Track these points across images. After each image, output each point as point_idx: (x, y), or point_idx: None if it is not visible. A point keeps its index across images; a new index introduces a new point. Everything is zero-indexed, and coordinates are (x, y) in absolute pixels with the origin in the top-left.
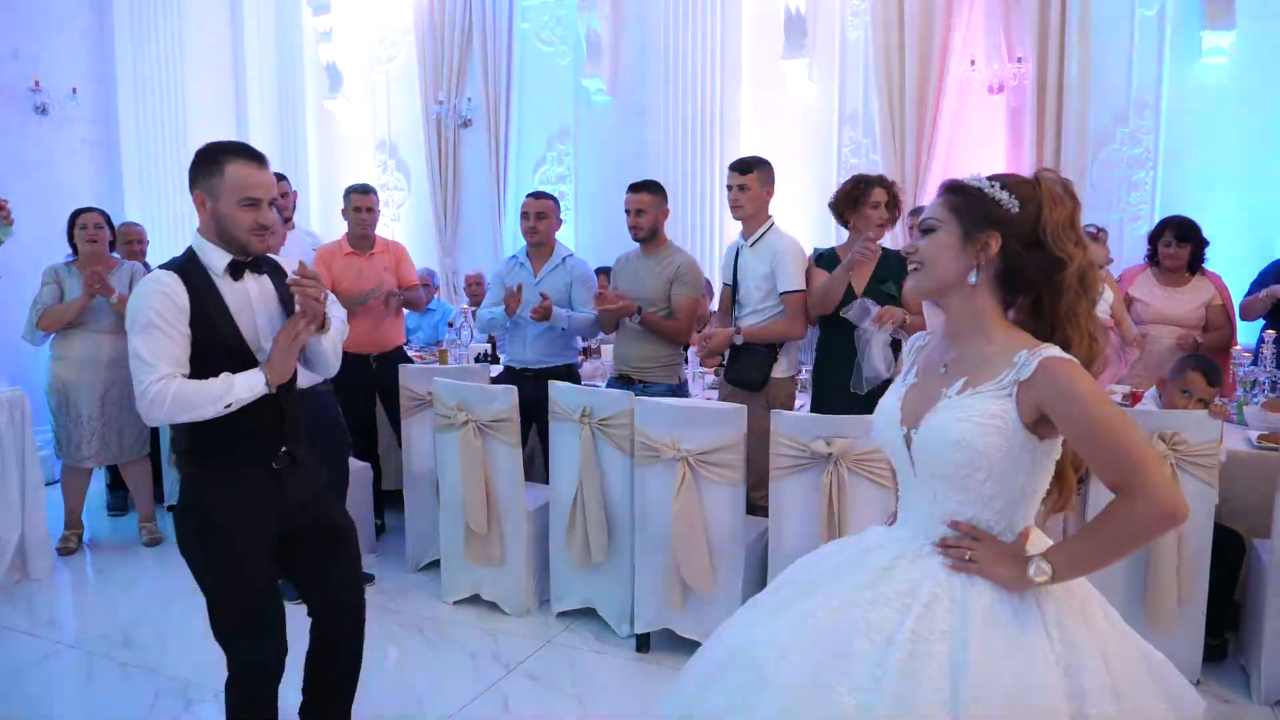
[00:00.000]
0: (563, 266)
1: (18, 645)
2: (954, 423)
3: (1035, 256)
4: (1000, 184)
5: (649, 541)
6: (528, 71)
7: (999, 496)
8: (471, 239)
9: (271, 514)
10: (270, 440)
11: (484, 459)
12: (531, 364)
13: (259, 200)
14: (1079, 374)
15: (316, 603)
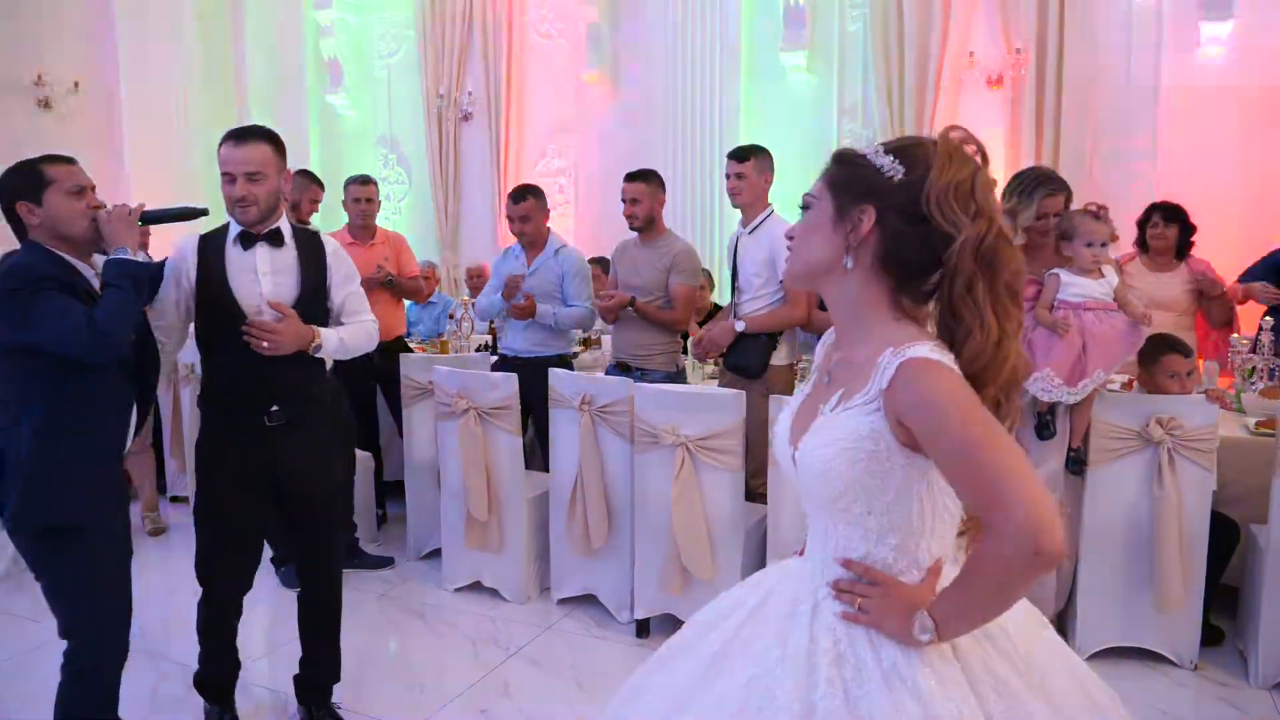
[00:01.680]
0: (554, 259)
1: (25, 631)
2: (821, 447)
3: (917, 232)
4: (888, 148)
5: (649, 528)
6: (528, 64)
7: (891, 530)
8: (472, 232)
9: (258, 466)
10: (262, 397)
11: (484, 446)
12: (522, 352)
13: (233, 175)
14: (938, 375)
15: (298, 547)
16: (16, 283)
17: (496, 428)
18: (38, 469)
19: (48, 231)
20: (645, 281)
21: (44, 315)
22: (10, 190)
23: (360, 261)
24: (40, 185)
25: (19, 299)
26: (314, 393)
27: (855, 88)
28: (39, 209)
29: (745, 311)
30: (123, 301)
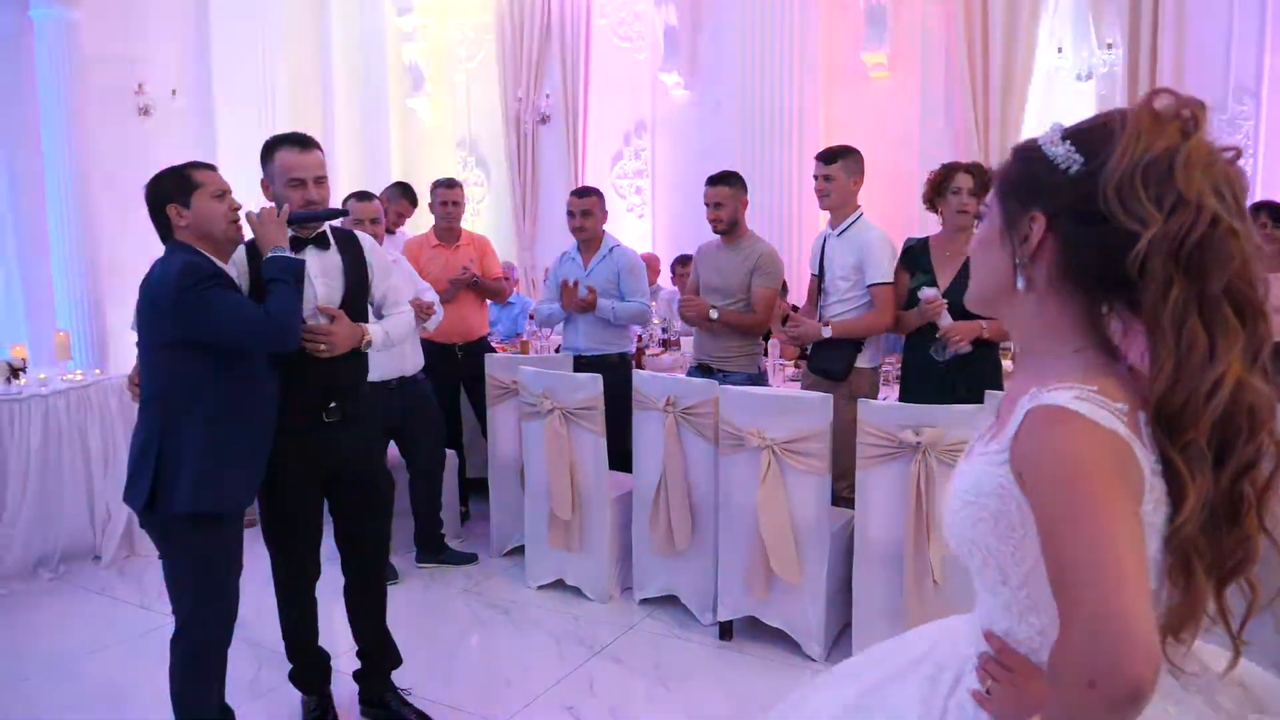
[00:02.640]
0: (609, 258)
1: (129, 617)
2: (951, 496)
3: (1095, 234)
4: (1067, 133)
5: (733, 530)
6: (605, 67)
7: (1032, 609)
8: (550, 233)
9: (319, 463)
10: (318, 396)
11: (569, 446)
12: (584, 351)
13: (303, 180)
14: (1065, 429)
15: (345, 552)
16: (192, 280)
17: (581, 428)
18: (210, 458)
19: (194, 233)
20: (728, 283)
21: (223, 310)
22: (162, 194)
23: (446, 263)
24: (189, 189)
25: (194, 295)
26: (363, 387)
27: (938, 86)
28: (187, 211)
29: (831, 315)
30: (291, 294)
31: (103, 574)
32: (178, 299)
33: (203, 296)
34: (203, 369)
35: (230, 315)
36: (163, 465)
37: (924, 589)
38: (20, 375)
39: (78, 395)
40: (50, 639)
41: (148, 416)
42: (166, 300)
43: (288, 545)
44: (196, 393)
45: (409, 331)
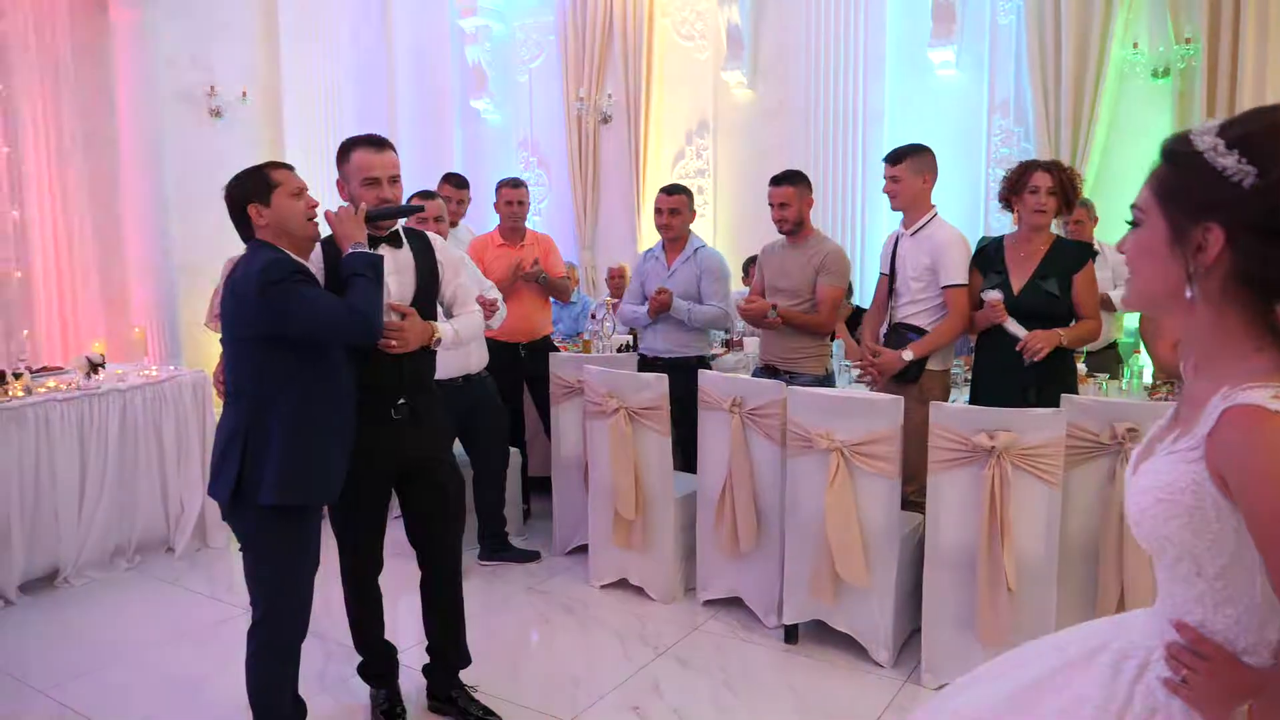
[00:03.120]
0: (693, 259)
1: (200, 608)
2: (1140, 493)
3: (1277, 247)
4: (1232, 140)
5: (799, 532)
6: (667, 66)
7: (1228, 601)
8: (610, 233)
9: (388, 459)
10: (389, 392)
11: (634, 446)
12: (662, 353)
13: (378, 179)
14: (1266, 428)
15: (419, 549)
16: (277, 275)
17: (646, 428)
18: (296, 450)
19: (274, 231)
20: (794, 284)
21: (307, 304)
22: (243, 193)
23: (510, 262)
24: (268, 188)
25: (279, 290)
26: (431, 384)
27: (1007, 83)
28: (267, 210)
29: (902, 317)
30: (372, 288)
31: (176, 565)
32: (262, 294)
33: (287, 291)
34: (287, 363)
35: (314, 309)
36: (249, 457)
37: (998, 596)
38: (99, 371)
39: (153, 391)
40: (126, 628)
41: (234, 410)
42: (251, 295)
43: (353, 540)
44: (282, 386)
45: (478, 331)
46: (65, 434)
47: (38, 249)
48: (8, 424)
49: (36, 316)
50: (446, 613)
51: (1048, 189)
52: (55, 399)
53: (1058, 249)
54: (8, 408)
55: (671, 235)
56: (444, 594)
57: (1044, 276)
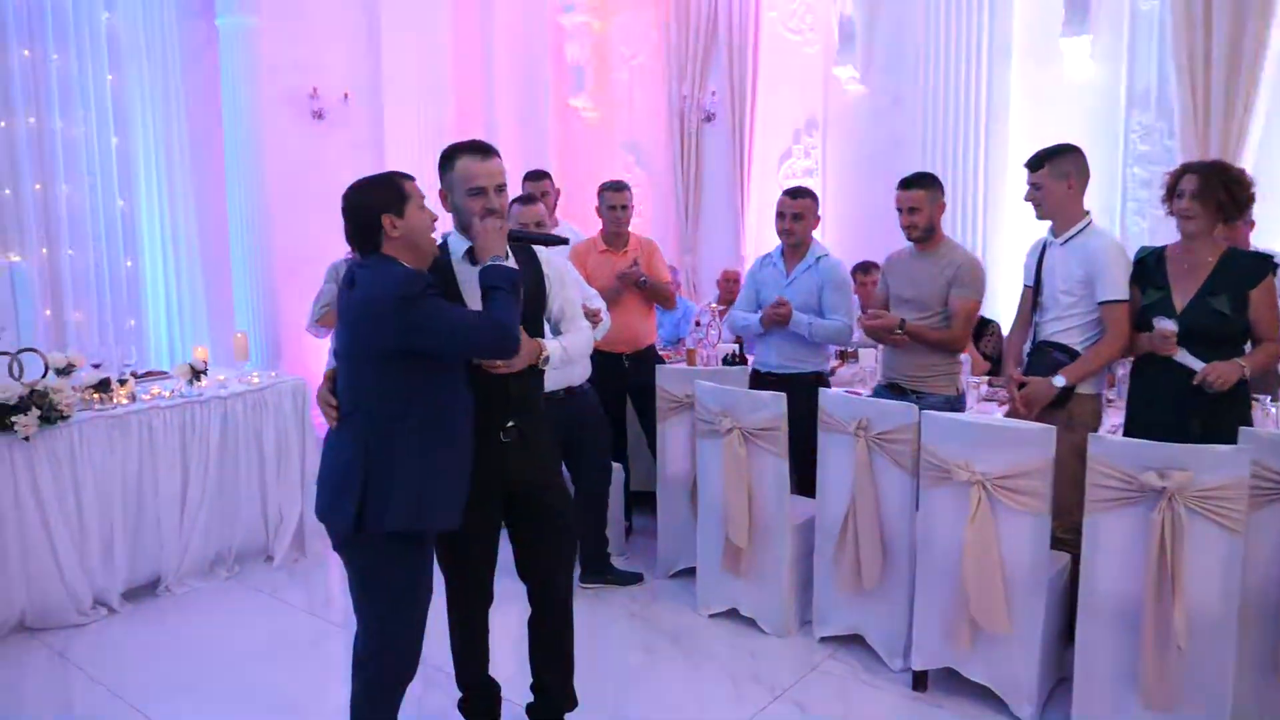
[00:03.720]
0: (815, 268)
1: (299, 623)
2: None
3: None
4: None
5: (932, 570)
6: (775, 61)
7: None
8: (713, 236)
9: (496, 484)
10: (496, 414)
11: (748, 468)
12: (775, 368)
13: (484, 188)
14: None
15: (528, 583)
16: (416, 288)
17: (762, 449)
18: (423, 472)
19: (404, 244)
20: (923, 295)
21: (446, 317)
22: (376, 203)
23: (613, 268)
24: (402, 199)
25: (420, 304)
26: (539, 404)
27: (1148, 73)
28: (401, 222)
29: (1049, 333)
30: (511, 302)
31: (274, 575)
32: (399, 307)
33: (425, 304)
34: (413, 379)
35: (453, 322)
36: (372, 481)
37: (1166, 655)
38: (201, 377)
39: (254, 398)
40: (224, 641)
41: (349, 431)
42: (388, 311)
43: (462, 570)
44: (407, 404)
45: (588, 349)
46: (168, 441)
47: (145, 241)
48: (112, 430)
49: (144, 308)
50: (555, 653)
51: (1192, 193)
52: (159, 405)
53: (1229, 260)
54: (112, 415)
55: (793, 241)
56: (554, 633)
57: (1213, 293)
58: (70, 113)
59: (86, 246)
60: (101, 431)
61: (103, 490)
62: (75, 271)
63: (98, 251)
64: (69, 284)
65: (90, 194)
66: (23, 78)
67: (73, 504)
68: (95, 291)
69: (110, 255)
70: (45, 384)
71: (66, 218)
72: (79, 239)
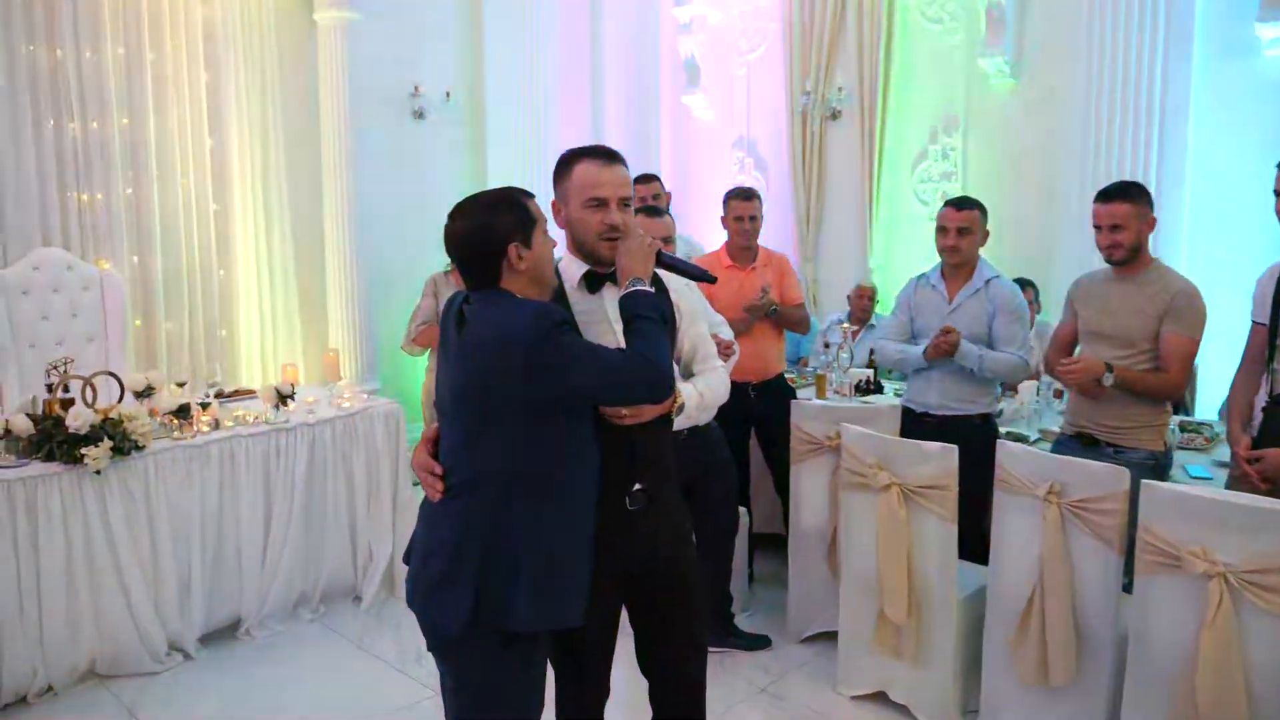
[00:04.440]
0: (984, 292)
1: (387, 682)
2: None
3: None
4: None
5: (1147, 673)
6: (911, 53)
7: None
8: (837, 245)
9: (619, 561)
10: (620, 476)
11: (909, 532)
12: (934, 408)
13: (605, 200)
14: None
15: (652, 664)
16: (549, 325)
17: (926, 510)
18: (555, 557)
19: (528, 279)
20: (1125, 330)
21: (586, 357)
22: (504, 230)
23: (740, 288)
24: (531, 224)
25: (554, 344)
26: (670, 461)
27: None
28: (528, 252)
29: None
30: (661, 336)
31: (363, 619)
32: (533, 350)
33: (562, 344)
34: (541, 441)
35: (596, 363)
36: (489, 570)
37: None
38: (288, 402)
39: (344, 424)
40: (305, 698)
41: (458, 509)
42: (517, 353)
43: (578, 668)
44: (536, 472)
45: (725, 393)
46: (251, 472)
47: (239, 249)
48: (191, 462)
49: (238, 318)
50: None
51: None
52: (241, 434)
53: None
54: (191, 446)
55: (958, 260)
56: None
57: None
58: (164, 113)
59: (179, 254)
60: (180, 463)
61: (180, 526)
62: (167, 280)
63: (190, 259)
64: (160, 293)
65: (184, 198)
66: (116, 77)
67: (147, 542)
68: (187, 301)
69: (204, 263)
70: (120, 410)
71: (159, 224)
72: (171, 246)
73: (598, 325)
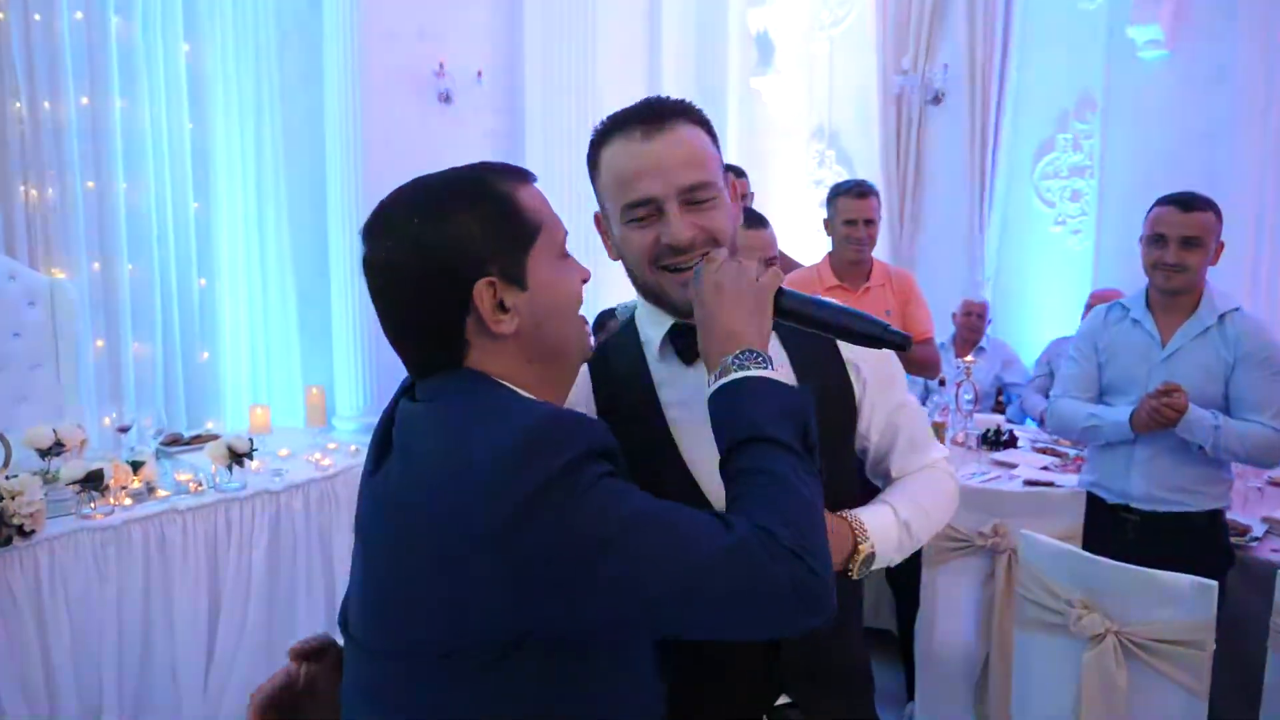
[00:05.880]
0: (1217, 331)
1: None
2: None
3: None
4: None
5: None
6: (1035, 23)
7: None
8: (939, 252)
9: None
10: (758, 684)
11: (1125, 701)
12: (1138, 500)
13: (652, 200)
14: None
15: None
16: (559, 471)
17: (1159, 675)
18: None
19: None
20: None
21: (663, 540)
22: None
23: None
24: (526, 237)
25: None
26: (850, 656)
27: None
28: (519, 294)
29: None
30: (802, 478)
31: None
32: (514, 534)
33: (587, 517)
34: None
35: (672, 562)
36: None
37: None
38: (245, 461)
39: (322, 490)
40: None
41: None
42: (487, 548)
43: None
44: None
45: (950, 511)
46: (190, 559)
47: (223, 255)
48: (104, 548)
49: (222, 338)
50: None
51: None
52: (177, 508)
53: None
54: (105, 527)
55: (1181, 285)
56: None
57: None
58: (133, 92)
59: (150, 260)
60: (87, 551)
61: (86, 639)
62: (136, 292)
63: (164, 267)
64: (126, 308)
65: (157, 194)
66: (74, 47)
67: (36, 661)
68: (160, 317)
69: (180, 271)
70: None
71: (125, 224)
72: (141, 250)
73: (704, 425)
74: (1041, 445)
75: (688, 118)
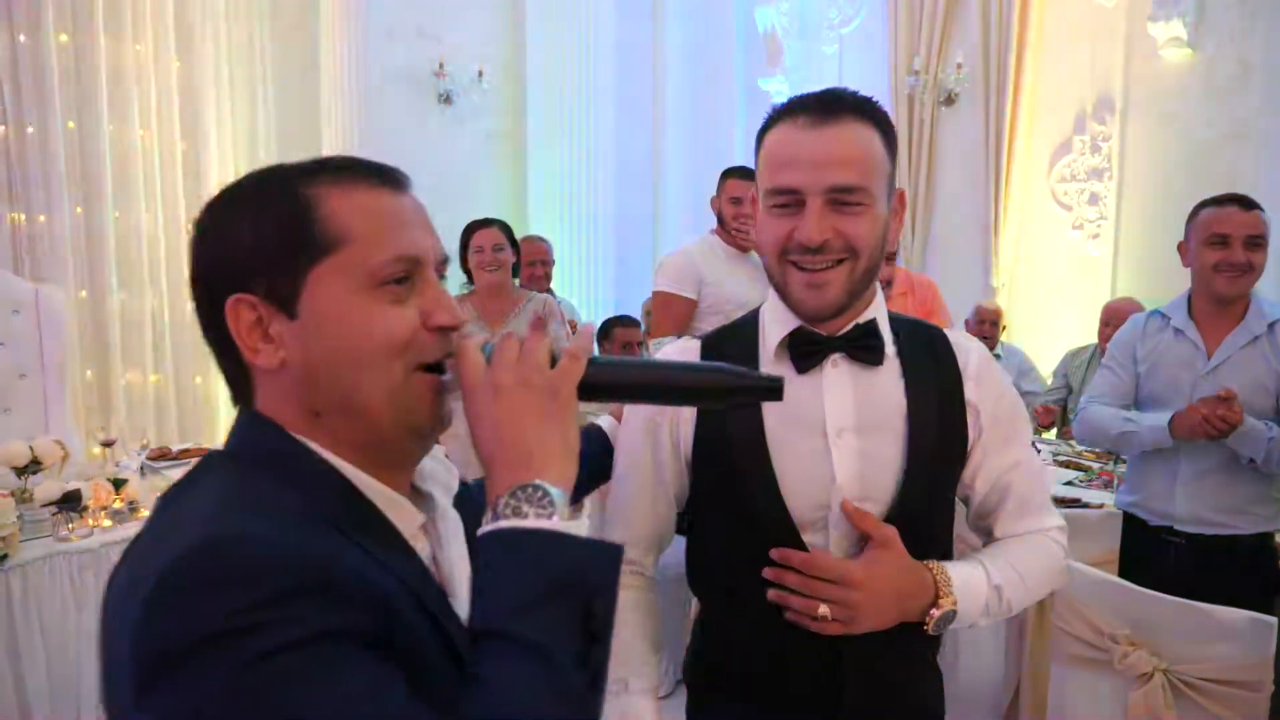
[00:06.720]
0: (1267, 341)
1: None
2: None
3: None
4: None
5: None
6: (1052, 20)
7: None
8: (949, 258)
9: None
10: (819, 690)
11: None
12: (1184, 521)
13: (796, 190)
14: None
15: None
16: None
17: (1208, 716)
18: None
19: (300, 394)
20: None
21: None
22: (236, 260)
23: None
24: (315, 248)
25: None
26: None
27: None
28: (287, 323)
29: None
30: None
31: None
32: (154, 632)
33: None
34: None
35: None
36: None
37: None
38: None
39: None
40: None
41: None
42: (136, 642)
43: None
44: None
45: (1055, 583)
46: None
47: None
48: (81, 573)
49: None
50: None
51: None
52: None
53: None
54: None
55: (1245, 287)
56: None
57: None
58: (123, 111)
59: (142, 287)
60: (62, 575)
61: (62, 668)
62: (126, 319)
63: (157, 293)
64: (116, 336)
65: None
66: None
67: (9, 692)
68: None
69: (173, 298)
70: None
71: (114, 249)
72: (132, 277)
73: (808, 438)
74: (1064, 459)
75: (862, 116)
